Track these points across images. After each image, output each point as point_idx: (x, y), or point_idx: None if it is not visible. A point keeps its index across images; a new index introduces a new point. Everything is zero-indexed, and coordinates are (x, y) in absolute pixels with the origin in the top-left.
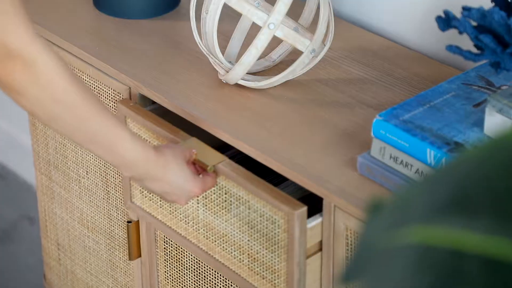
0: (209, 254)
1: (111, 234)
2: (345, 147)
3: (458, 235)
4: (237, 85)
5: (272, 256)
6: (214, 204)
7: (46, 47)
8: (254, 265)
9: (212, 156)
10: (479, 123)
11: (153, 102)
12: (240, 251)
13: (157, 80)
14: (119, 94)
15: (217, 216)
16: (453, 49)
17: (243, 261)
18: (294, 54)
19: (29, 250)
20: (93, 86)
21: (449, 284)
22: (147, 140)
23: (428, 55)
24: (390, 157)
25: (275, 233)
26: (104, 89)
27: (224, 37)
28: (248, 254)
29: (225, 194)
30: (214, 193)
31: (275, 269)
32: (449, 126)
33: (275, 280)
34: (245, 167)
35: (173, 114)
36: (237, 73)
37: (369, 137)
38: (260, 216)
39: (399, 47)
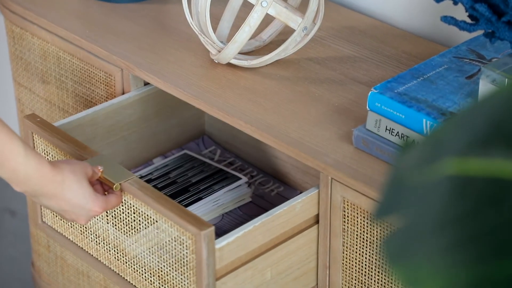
0: (120, 275)
1: None
2: (339, 122)
3: (497, 164)
4: (229, 64)
5: (181, 278)
6: (123, 223)
7: None
8: (165, 287)
9: (119, 174)
10: (473, 94)
11: (145, 84)
12: (150, 273)
13: (148, 61)
14: (110, 77)
15: (127, 236)
16: (448, 19)
17: (153, 283)
18: (284, 35)
19: (12, 242)
20: (84, 70)
21: (488, 211)
22: (50, 154)
23: (415, 34)
24: (386, 129)
25: (183, 254)
26: (95, 72)
27: (213, 19)
28: (159, 275)
29: (134, 213)
30: (123, 212)
31: None
32: (444, 97)
33: None
34: (160, 186)
35: (164, 97)
36: (230, 52)
37: (363, 112)
38: (169, 237)
39: (387, 26)
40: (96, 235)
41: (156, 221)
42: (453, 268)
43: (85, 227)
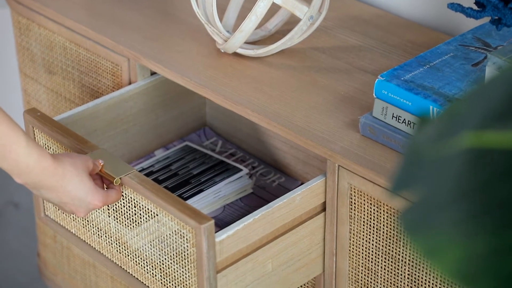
0: (123, 268)
1: None
2: (346, 110)
3: None
4: (235, 54)
5: (183, 271)
6: (124, 217)
7: None
8: (167, 280)
9: (119, 168)
10: (479, 81)
11: (152, 74)
12: (152, 266)
13: (155, 51)
14: (117, 67)
15: (128, 229)
16: (455, 6)
17: (155, 276)
18: (289, 25)
19: (16, 235)
20: (91, 60)
21: (504, 182)
22: (51, 148)
23: (420, 24)
24: (392, 116)
25: (184, 248)
26: (102, 62)
27: (219, 9)
28: (160, 268)
29: (134, 207)
30: (124, 206)
31: (186, 284)
32: (450, 84)
33: None
34: (161, 178)
35: (168, 86)
36: (236, 41)
37: (368, 100)
38: (169, 230)
39: (391, 16)
40: (98, 228)
41: (157, 215)
42: (469, 238)
43: (87, 221)
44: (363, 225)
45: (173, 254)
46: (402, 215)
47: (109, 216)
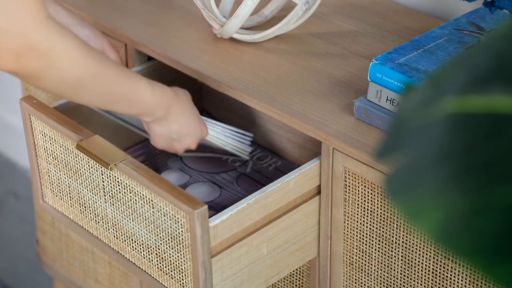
0: (120, 253)
1: None
2: (341, 94)
3: (495, 100)
4: (231, 39)
5: (178, 256)
6: (120, 203)
7: (59, 28)
8: (163, 264)
9: (114, 155)
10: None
11: (149, 59)
12: (148, 251)
13: (152, 37)
14: None
15: (124, 215)
16: None
17: (152, 260)
18: (286, 11)
19: (17, 224)
20: None
21: (485, 143)
22: (47, 135)
23: (416, 10)
24: (387, 99)
25: (179, 233)
26: None
27: None
28: (156, 253)
29: (130, 193)
30: (120, 192)
31: (182, 269)
32: None
33: (183, 280)
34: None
35: (165, 71)
36: (232, 26)
37: (363, 84)
38: (164, 216)
39: (388, 2)
40: (95, 214)
41: (152, 201)
42: (450, 199)
43: (85, 206)
44: (358, 207)
45: (169, 239)
46: (386, 180)
47: (105, 202)
